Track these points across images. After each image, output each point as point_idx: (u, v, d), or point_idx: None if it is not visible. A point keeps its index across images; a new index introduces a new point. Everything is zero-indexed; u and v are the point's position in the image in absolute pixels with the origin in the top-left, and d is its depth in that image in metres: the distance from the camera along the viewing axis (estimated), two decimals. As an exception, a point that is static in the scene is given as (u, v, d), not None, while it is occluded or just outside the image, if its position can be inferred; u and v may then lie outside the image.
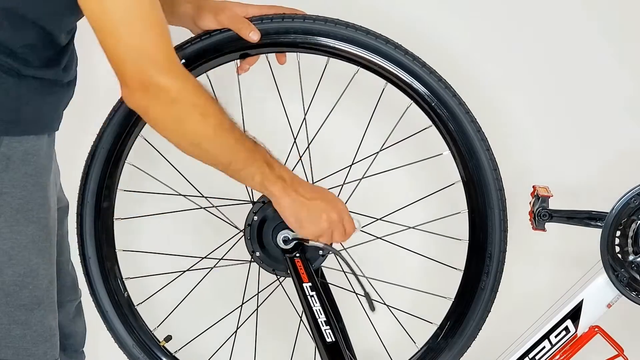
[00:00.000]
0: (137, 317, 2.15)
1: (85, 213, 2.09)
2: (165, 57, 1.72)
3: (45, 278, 1.83)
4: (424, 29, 2.63)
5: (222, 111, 1.81)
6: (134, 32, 1.69)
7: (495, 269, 2.03)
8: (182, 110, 1.75)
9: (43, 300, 1.83)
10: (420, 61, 1.99)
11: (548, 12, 2.66)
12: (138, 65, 1.71)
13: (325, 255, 2.04)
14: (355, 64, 2.01)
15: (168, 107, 1.75)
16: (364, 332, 2.24)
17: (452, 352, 2.08)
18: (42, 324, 1.84)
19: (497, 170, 2.01)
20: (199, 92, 1.77)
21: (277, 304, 2.22)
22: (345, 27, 1.98)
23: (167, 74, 1.72)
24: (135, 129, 2.05)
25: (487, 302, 2.05)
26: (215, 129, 1.79)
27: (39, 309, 1.83)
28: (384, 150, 2.11)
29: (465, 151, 2.00)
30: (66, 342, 2.08)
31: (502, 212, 2.02)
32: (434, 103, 1.99)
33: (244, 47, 2.00)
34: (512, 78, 2.68)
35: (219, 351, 2.26)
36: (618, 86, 2.67)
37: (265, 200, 2.02)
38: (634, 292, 1.99)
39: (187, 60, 1.99)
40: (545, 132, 2.71)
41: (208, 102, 1.78)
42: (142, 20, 1.70)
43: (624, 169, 2.62)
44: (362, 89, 2.10)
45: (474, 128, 1.99)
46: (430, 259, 2.21)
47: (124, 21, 1.69)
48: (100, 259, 2.10)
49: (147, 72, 1.71)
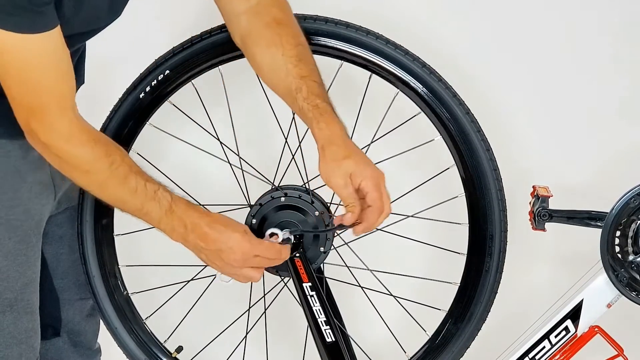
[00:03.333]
0: (147, 330, 2.16)
1: (85, 232, 2.09)
2: (53, 117, 1.75)
3: (17, 280, 1.84)
4: (424, 29, 2.64)
5: (112, 165, 1.81)
6: (24, 87, 1.72)
7: (498, 249, 2.03)
8: (67, 166, 1.80)
9: (16, 303, 1.84)
10: (420, 61, 2.00)
11: (547, 13, 2.66)
12: (25, 118, 1.75)
13: (327, 252, 2.04)
14: (339, 58, 2.01)
15: (54, 159, 1.80)
16: (372, 325, 2.25)
17: (463, 337, 2.08)
18: (16, 326, 1.85)
19: (490, 150, 2.01)
20: (85, 152, 1.78)
21: (284, 305, 2.22)
22: (325, 22, 1.98)
23: (50, 133, 1.76)
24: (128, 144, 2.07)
25: (493, 284, 2.05)
26: (100, 184, 1.83)
27: (11, 312, 1.84)
28: (375, 142, 2.11)
29: (457, 135, 2.00)
30: (76, 338, 2.09)
31: (500, 192, 2.02)
32: (427, 95, 1.99)
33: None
34: (512, 78, 2.68)
35: (231, 357, 2.26)
36: (618, 86, 2.67)
37: (262, 203, 2.03)
38: (633, 292, 1.99)
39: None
40: (545, 132, 2.71)
41: (94, 158, 1.79)
42: (35, 78, 1.71)
43: (624, 169, 2.62)
44: (348, 84, 2.10)
45: (462, 109, 2.00)
46: (432, 245, 2.21)
47: (15, 73, 1.70)
48: (105, 276, 2.11)
49: (31, 126, 1.75)
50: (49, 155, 1.80)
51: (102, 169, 1.81)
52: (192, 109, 2.17)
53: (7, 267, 1.83)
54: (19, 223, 1.84)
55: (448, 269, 2.12)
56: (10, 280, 1.84)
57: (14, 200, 1.83)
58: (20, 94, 1.73)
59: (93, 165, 1.80)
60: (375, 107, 2.11)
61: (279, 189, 2.04)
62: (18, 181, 1.84)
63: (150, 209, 1.85)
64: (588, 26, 2.66)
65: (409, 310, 2.16)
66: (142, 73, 2.05)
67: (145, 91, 2.04)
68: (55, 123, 1.76)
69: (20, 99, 1.73)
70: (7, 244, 1.83)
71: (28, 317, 1.87)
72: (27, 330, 1.87)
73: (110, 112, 2.07)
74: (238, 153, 2.14)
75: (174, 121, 2.20)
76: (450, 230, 2.14)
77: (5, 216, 1.82)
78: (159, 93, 2.05)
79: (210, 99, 2.17)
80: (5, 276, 1.83)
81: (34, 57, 1.69)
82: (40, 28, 1.68)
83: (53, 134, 1.76)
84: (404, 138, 2.20)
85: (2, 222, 1.82)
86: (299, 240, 2.01)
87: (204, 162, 2.32)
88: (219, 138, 2.14)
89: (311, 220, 2.02)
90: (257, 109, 2.35)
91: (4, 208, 1.82)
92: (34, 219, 1.87)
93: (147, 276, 2.32)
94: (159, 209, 1.85)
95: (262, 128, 2.42)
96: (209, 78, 2.07)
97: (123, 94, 2.06)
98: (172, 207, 1.86)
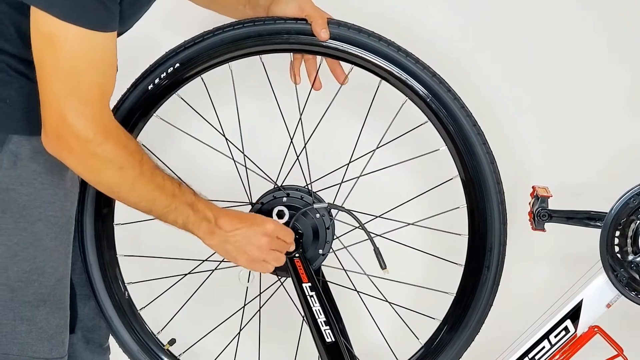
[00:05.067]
0: (141, 321, 2.16)
1: (85, 220, 2.09)
2: (92, 112, 1.74)
3: (52, 276, 1.85)
4: (423, 30, 2.63)
5: (142, 161, 1.82)
6: (67, 81, 1.71)
7: (497, 262, 2.03)
8: (98, 164, 1.78)
9: (49, 298, 1.85)
10: (421, 63, 1.99)
11: (548, 12, 2.66)
12: (61, 114, 1.73)
13: (326, 255, 2.05)
14: (350, 62, 2.01)
15: (83, 159, 1.77)
16: (367, 330, 2.25)
17: (455, 347, 2.08)
18: (48, 321, 1.86)
19: (494, 163, 2.01)
20: (119, 146, 1.78)
21: (280, 304, 2.22)
22: (337, 26, 1.98)
23: (89, 128, 1.74)
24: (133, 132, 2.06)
25: (489, 296, 2.05)
26: (132, 180, 1.81)
27: (44, 306, 1.85)
28: (381, 148, 2.11)
29: (462, 146, 2.00)
30: (90, 335, 2.10)
31: (501, 205, 2.02)
32: (435, 105, 1.99)
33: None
34: (512, 78, 2.68)
35: (223, 353, 2.26)
36: (618, 86, 2.67)
37: (264, 202, 2.03)
38: (633, 292, 1.99)
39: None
40: (545, 132, 2.71)
41: (128, 153, 1.79)
42: (80, 70, 1.72)
43: (624, 169, 2.62)
44: (357, 88, 2.10)
45: (469, 121, 2.00)
46: (430, 254, 2.21)
47: (61, 66, 1.70)
48: (102, 265, 2.11)
49: (67, 122, 1.73)
50: (82, 154, 1.76)
51: (134, 165, 1.80)
52: (199, 104, 2.17)
53: (43, 262, 1.84)
54: (56, 220, 1.84)
55: (445, 278, 2.12)
56: (45, 276, 1.85)
57: (54, 197, 1.83)
58: (66, 87, 1.71)
59: (127, 161, 1.79)
60: (382, 114, 2.11)
61: (281, 189, 2.05)
62: (57, 178, 1.84)
63: (178, 204, 1.86)
64: (588, 26, 2.66)
65: (403, 318, 2.17)
66: (152, 64, 2.04)
67: (154, 83, 2.03)
68: (98, 116, 1.75)
69: (64, 93, 1.71)
70: (45, 239, 1.83)
71: (60, 312, 1.88)
72: (59, 326, 1.88)
73: (118, 102, 2.07)
74: (243, 150, 2.14)
75: (180, 115, 2.20)
76: (449, 240, 2.14)
77: (44, 212, 1.82)
78: (168, 85, 2.05)
79: (219, 95, 2.17)
80: (42, 271, 1.84)
81: (94, 52, 1.72)
82: (107, 27, 1.72)
83: (96, 128, 1.74)
84: (410, 146, 2.20)
85: (42, 218, 1.82)
86: (298, 240, 2.01)
87: (208, 157, 2.32)
88: (224, 134, 2.14)
89: (311, 221, 2.03)
90: (264, 108, 2.34)
91: (44, 204, 1.82)
92: (67, 215, 1.87)
93: (144, 268, 2.32)
94: (185, 204, 1.86)
95: (269, 127, 2.42)
96: (219, 74, 2.07)
97: (131, 84, 2.06)
98: (195, 201, 1.88)
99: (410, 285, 2.25)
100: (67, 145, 1.75)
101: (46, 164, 1.81)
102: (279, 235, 1.94)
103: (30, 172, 1.80)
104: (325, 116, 2.13)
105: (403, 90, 2.00)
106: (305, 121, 2.10)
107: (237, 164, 2.12)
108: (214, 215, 1.89)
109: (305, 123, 2.11)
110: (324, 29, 1.95)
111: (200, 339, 2.23)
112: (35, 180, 1.81)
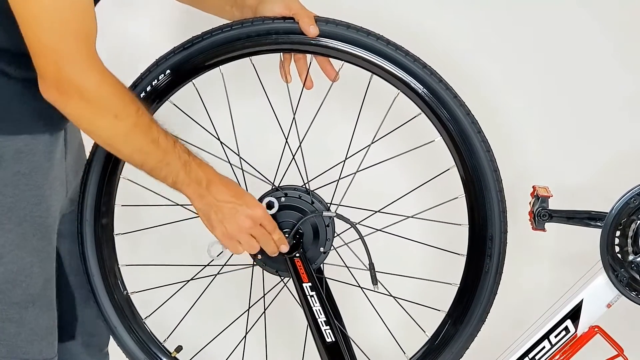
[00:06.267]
0: (146, 330, 2.16)
1: (85, 231, 2.09)
2: (83, 57, 1.73)
3: (40, 277, 1.85)
4: (423, 30, 2.63)
5: (138, 111, 1.81)
6: (53, 29, 1.70)
7: (498, 250, 2.03)
8: (95, 111, 1.76)
9: (38, 299, 1.85)
10: (411, 55, 1.99)
11: (548, 13, 2.66)
12: (55, 62, 1.72)
13: (327, 253, 2.05)
14: (340, 59, 2.01)
15: (82, 107, 1.76)
16: (371, 326, 2.25)
17: (462, 338, 2.07)
18: (37, 322, 1.86)
19: (490, 151, 2.01)
20: (115, 94, 1.77)
21: (284, 305, 2.22)
22: (325, 22, 1.98)
23: (83, 74, 1.73)
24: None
25: (493, 285, 2.05)
26: (127, 130, 1.80)
27: (33, 307, 1.85)
28: (376, 144, 2.11)
29: (457, 136, 2.00)
30: (89, 339, 2.10)
31: (500, 193, 2.02)
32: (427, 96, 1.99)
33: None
34: (512, 78, 2.69)
35: (230, 357, 2.26)
36: (618, 86, 2.68)
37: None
38: (633, 292, 1.99)
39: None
40: (545, 132, 2.72)
41: (124, 103, 1.78)
42: (64, 17, 1.70)
43: (624, 169, 2.63)
44: (348, 84, 2.10)
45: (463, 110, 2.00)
46: (432, 246, 2.21)
47: (45, 16, 1.69)
48: (104, 275, 2.11)
49: (63, 70, 1.72)
50: (78, 103, 1.75)
51: (130, 114, 1.79)
52: (193, 109, 2.17)
53: (31, 263, 1.84)
54: (42, 220, 1.84)
55: (448, 270, 2.12)
56: (34, 277, 1.85)
57: (39, 197, 1.83)
58: (54, 37, 1.70)
59: (123, 110, 1.78)
60: (376, 108, 2.11)
61: (279, 189, 2.05)
62: (42, 178, 1.84)
63: (171, 160, 1.84)
64: (588, 26, 2.67)
65: (408, 311, 2.16)
66: (143, 72, 2.04)
67: (146, 90, 2.03)
68: (89, 62, 1.74)
69: (53, 44, 1.70)
70: (32, 240, 1.83)
71: (49, 313, 1.89)
72: (48, 327, 1.88)
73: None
74: (238, 153, 2.14)
75: (174, 121, 2.20)
76: (450, 231, 2.14)
77: (30, 213, 1.83)
78: (160, 92, 2.04)
79: (211, 99, 2.17)
80: (30, 272, 1.84)
81: None
82: None
83: (89, 74, 1.73)
84: (405, 139, 2.20)
85: (28, 219, 1.82)
86: (298, 240, 2.01)
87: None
88: (219, 138, 2.14)
89: (311, 220, 2.02)
90: (257, 109, 2.34)
91: (29, 205, 1.82)
92: (53, 215, 1.87)
93: (146, 276, 2.32)
94: (178, 161, 1.85)
95: (263, 128, 2.42)
96: (210, 78, 2.07)
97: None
98: (189, 161, 1.87)
99: (413, 278, 2.25)
100: (67, 93, 1.74)
101: (30, 164, 1.81)
102: (263, 223, 1.93)
103: (13, 173, 1.80)
104: (319, 114, 2.13)
105: (395, 83, 2.00)
106: (299, 120, 2.10)
107: (233, 166, 2.12)
108: (207, 179, 1.88)
109: (299, 122, 2.11)
110: (313, 25, 1.95)
111: (207, 344, 2.23)
112: (20, 181, 1.81)
